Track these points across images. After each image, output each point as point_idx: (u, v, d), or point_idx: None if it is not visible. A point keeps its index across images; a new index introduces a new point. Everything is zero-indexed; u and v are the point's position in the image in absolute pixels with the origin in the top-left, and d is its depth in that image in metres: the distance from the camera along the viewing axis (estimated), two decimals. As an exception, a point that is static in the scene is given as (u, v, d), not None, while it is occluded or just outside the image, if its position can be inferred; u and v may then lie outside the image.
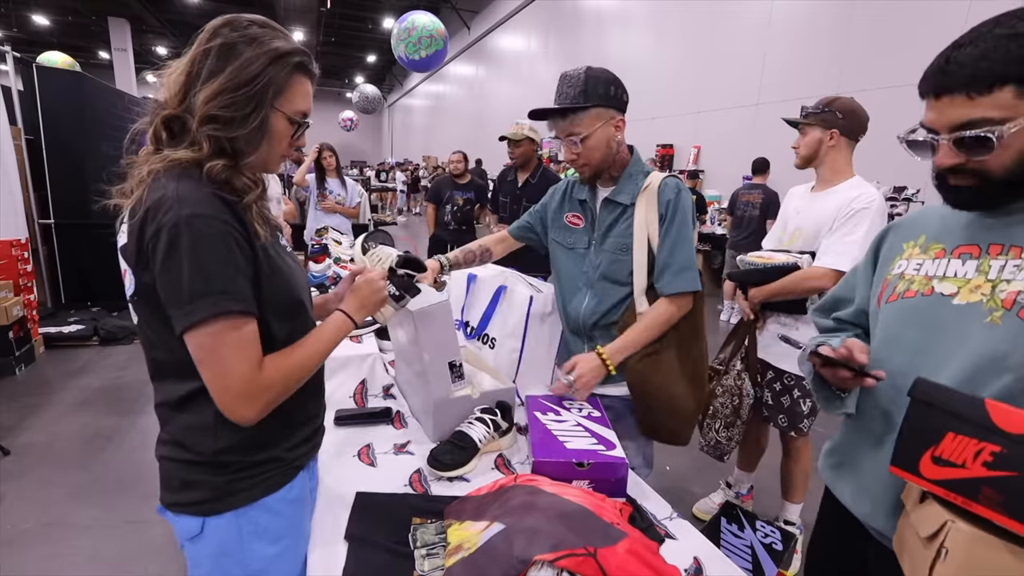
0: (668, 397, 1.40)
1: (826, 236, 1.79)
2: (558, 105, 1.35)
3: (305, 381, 0.88)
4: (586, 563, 0.78)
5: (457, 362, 1.33)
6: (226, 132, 0.79)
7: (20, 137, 4.42)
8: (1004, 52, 0.69)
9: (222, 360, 0.76)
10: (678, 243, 1.36)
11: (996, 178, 0.74)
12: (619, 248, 1.42)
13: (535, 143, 3.34)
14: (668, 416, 1.43)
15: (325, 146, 4.36)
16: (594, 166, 1.40)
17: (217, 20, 0.81)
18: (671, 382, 1.40)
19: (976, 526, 0.64)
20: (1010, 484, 0.61)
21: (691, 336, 1.43)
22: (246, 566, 0.89)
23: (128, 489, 2.43)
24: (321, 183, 4.37)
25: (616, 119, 1.37)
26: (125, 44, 15.64)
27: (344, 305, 0.98)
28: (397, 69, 24.92)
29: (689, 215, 1.38)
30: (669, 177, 1.41)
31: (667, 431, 1.46)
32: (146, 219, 0.74)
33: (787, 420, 1.98)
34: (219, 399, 0.78)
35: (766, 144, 6.42)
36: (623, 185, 1.42)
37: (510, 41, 14.32)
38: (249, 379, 0.78)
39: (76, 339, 4.28)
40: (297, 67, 0.84)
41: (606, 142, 1.37)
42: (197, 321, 0.74)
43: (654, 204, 1.37)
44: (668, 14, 8.16)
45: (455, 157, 4.41)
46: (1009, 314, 0.73)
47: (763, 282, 1.85)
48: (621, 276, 1.42)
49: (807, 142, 1.87)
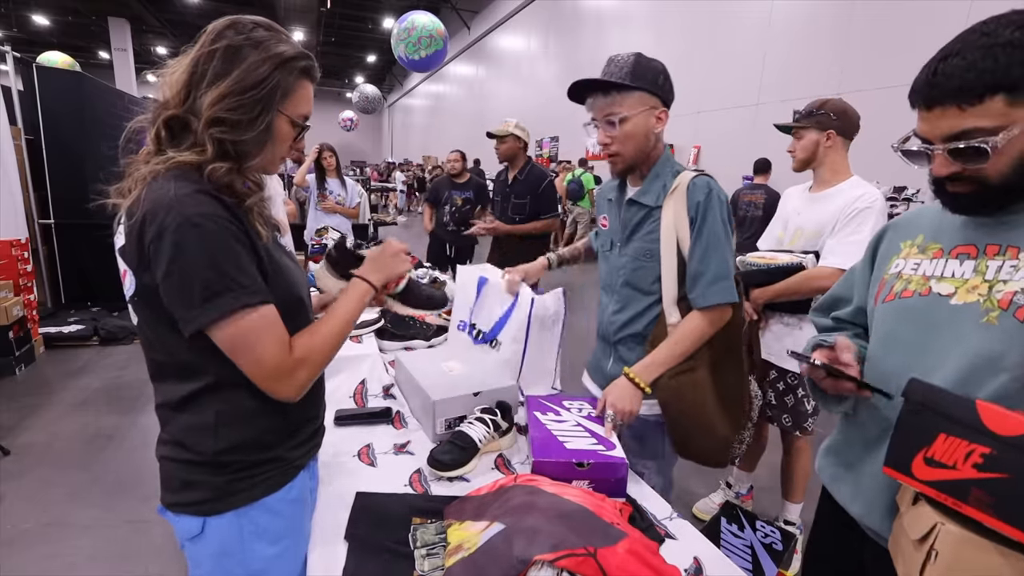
0: (706, 423, 1.29)
1: (830, 236, 1.79)
2: (600, 79, 1.25)
3: (338, 350, 0.90)
4: (586, 563, 0.78)
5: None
6: (233, 135, 0.79)
7: (20, 137, 4.42)
8: (992, 62, 0.68)
9: (254, 347, 0.78)
10: (710, 249, 1.24)
11: (994, 184, 0.74)
12: (643, 253, 1.33)
13: (520, 140, 3.37)
14: (703, 437, 1.32)
15: (325, 146, 4.36)
16: (628, 157, 1.30)
17: (220, 22, 0.81)
18: (706, 404, 1.28)
19: (966, 528, 0.65)
20: (999, 486, 0.61)
21: (724, 352, 1.31)
22: (247, 566, 0.89)
23: (128, 489, 2.44)
24: (321, 183, 4.36)
25: (659, 110, 1.28)
26: (125, 44, 15.64)
27: (362, 271, 0.99)
28: (397, 69, 24.92)
29: (722, 217, 1.26)
30: (699, 176, 1.29)
31: (699, 449, 1.35)
32: (145, 220, 0.74)
33: (791, 420, 1.98)
34: (262, 383, 0.81)
35: (766, 144, 6.41)
36: (649, 185, 1.33)
37: (510, 41, 14.32)
38: (282, 359, 0.80)
39: (76, 339, 4.28)
40: (303, 72, 0.85)
41: (645, 132, 1.28)
42: (218, 317, 0.75)
43: (683, 206, 1.26)
44: (668, 14, 8.17)
45: (453, 156, 4.39)
46: (1005, 314, 0.74)
47: (767, 283, 1.84)
48: (645, 284, 1.34)
49: (804, 145, 1.87)
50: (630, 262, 1.37)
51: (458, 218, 4.21)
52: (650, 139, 1.30)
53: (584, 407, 1.38)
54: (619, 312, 1.40)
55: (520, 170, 3.40)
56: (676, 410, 1.31)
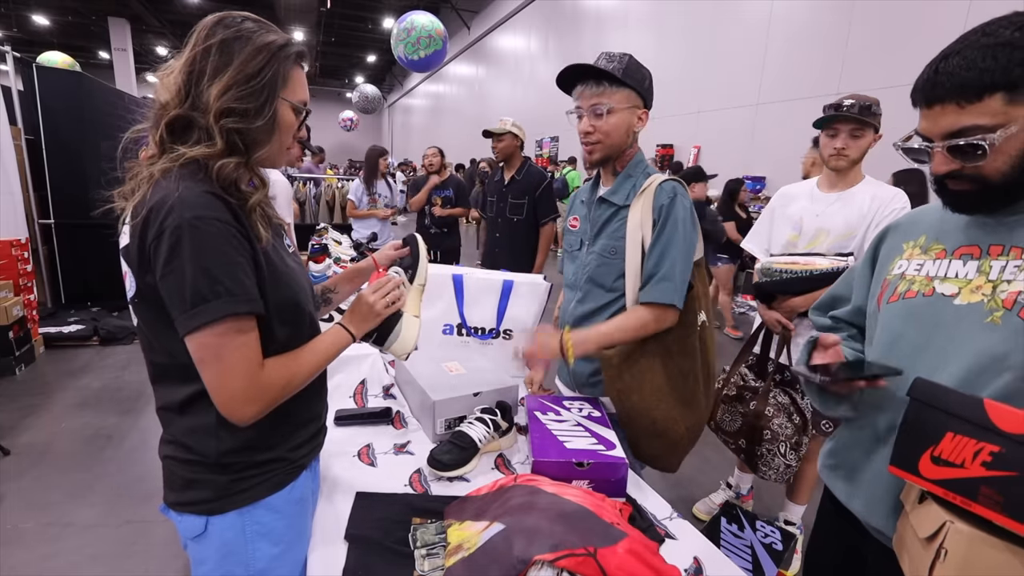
0: (651, 420, 1.31)
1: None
2: (594, 65, 1.28)
3: (305, 385, 0.89)
4: (586, 563, 0.78)
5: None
6: (244, 124, 0.80)
7: (20, 137, 4.42)
8: (991, 61, 0.70)
9: (224, 361, 0.77)
10: (665, 253, 1.28)
11: (993, 182, 0.75)
12: (608, 251, 1.36)
13: (518, 139, 3.36)
14: (651, 440, 1.34)
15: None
16: (606, 147, 1.33)
17: (209, 19, 0.82)
18: (655, 402, 1.30)
19: (975, 526, 0.64)
20: (1009, 484, 0.61)
21: (680, 353, 1.33)
22: (249, 566, 0.89)
23: (128, 489, 2.44)
24: (370, 187, 4.39)
25: (642, 111, 1.33)
26: (125, 44, 15.64)
27: (345, 320, 0.99)
28: (397, 69, 24.93)
29: (683, 223, 1.28)
30: (667, 181, 1.33)
31: (650, 455, 1.37)
32: (148, 220, 0.74)
33: (830, 424, 1.89)
34: (218, 399, 0.78)
35: (766, 144, 6.42)
36: (619, 185, 1.38)
37: (510, 41, 14.32)
38: (250, 380, 0.78)
39: (76, 339, 4.28)
40: (296, 57, 0.86)
41: (627, 128, 1.32)
42: (202, 324, 0.74)
43: (649, 208, 1.30)
44: (668, 14, 8.17)
45: (430, 152, 4.28)
46: (1009, 314, 0.74)
47: (808, 290, 1.73)
48: (607, 280, 1.37)
49: (862, 144, 1.74)
50: (595, 259, 1.39)
51: (438, 220, 4.16)
52: (629, 136, 1.35)
53: (584, 407, 1.38)
54: (581, 304, 1.42)
55: (518, 170, 3.38)
56: (622, 408, 1.33)
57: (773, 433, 1.75)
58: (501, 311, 1.78)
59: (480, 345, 1.81)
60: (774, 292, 1.87)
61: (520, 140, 3.38)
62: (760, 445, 1.77)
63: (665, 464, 1.39)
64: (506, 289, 1.78)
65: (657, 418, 1.31)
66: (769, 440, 1.76)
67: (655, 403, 1.31)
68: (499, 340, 1.80)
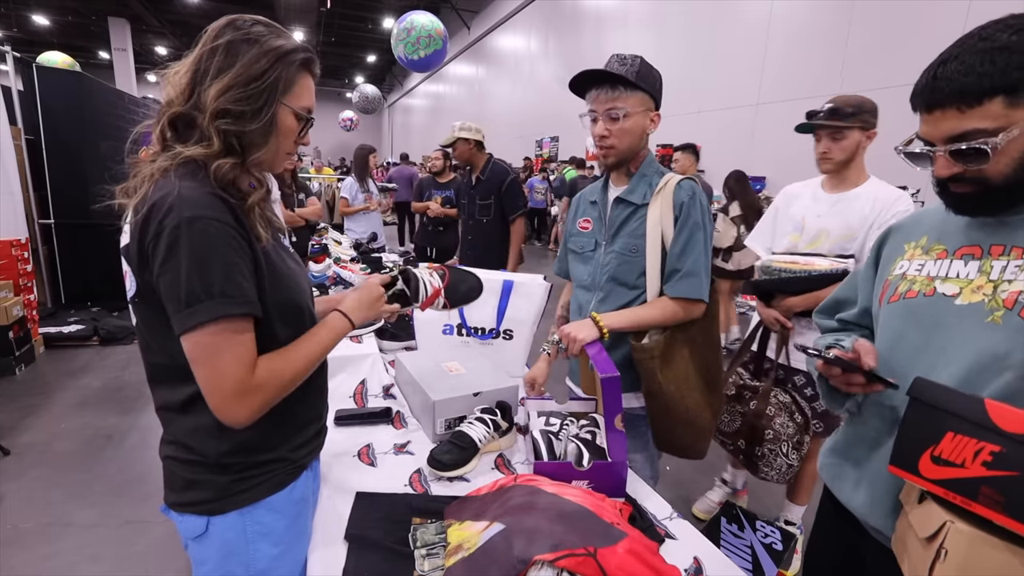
0: (684, 408, 1.34)
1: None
2: (610, 71, 1.29)
3: (301, 382, 0.87)
4: (586, 563, 0.78)
5: None
6: (238, 126, 0.80)
7: (20, 137, 4.42)
8: (990, 65, 0.70)
9: (217, 362, 0.76)
10: (688, 248, 1.32)
11: (995, 185, 0.75)
12: (629, 249, 1.38)
13: (470, 142, 3.35)
14: (685, 429, 1.37)
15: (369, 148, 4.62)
16: (621, 150, 1.36)
17: (220, 21, 0.83)
18: (687, 390, 1.34)
19: (976, 526, 0.64)
20: (1010, 484, 0.61)
21: (705, 344, 1.38)
22: (250, 566, 0.89)
23: (128, 489, 2.44)
24: (363, 183, 4.55)
25: (654, 113, 1.36)
26: (125, 44, 15.63)
27: (343, 305, 0.98)
28: (397, 69, 24.92)
29: (703, 220, 1.34)
30: (685, 179, 1.37)
31: (683, 445, 1.41)
32: (148, 218, 0.74)
33: (822, 425, 1.88)
34: (211, 400, 0.78)
35: (766, 144, 6.42)
36: (635, 184, 1.40)
37: (510, 41, 14.32)
38: (241, 380, 0.77)
39: (76, 339, 4.28)
40: (303, 64, 0.86)
41: (641, 130, 1.35)
42: (196, 324, 0.74)
43: (669, 205, 1.34)
44: (668, 14, 8.17)
45: (435, 155, 4.34)
46: (1010, 314, 0.74)
47: (807, 290, 1.74)
48: (630, 278, 1.39)
49: (847, 146, 1.75)
50: (616, 258, 1.41)
51: (437, 219, 4.17)
52: (643, 138, 1.38)
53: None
54: (602, 303, 1.43)
55: (482, 170, 3.39)
56: (657, 398, 1.34)
57: (775, 433, 1.75)
58: (501, 311, 1.79)
59: (480, 345, 1.81)
60: (772, 291, 1.87)
61: (474, 141, 3.37)
62: (761, 445, 1.77)
63: (696, 452, 1.42)
64: (506, 289, 1.78)
65: (690, 406, 1.35)
66: (771, 440, 1.75)
67: (688, 391, 1.35)
68: (499, 340, 1.80)
